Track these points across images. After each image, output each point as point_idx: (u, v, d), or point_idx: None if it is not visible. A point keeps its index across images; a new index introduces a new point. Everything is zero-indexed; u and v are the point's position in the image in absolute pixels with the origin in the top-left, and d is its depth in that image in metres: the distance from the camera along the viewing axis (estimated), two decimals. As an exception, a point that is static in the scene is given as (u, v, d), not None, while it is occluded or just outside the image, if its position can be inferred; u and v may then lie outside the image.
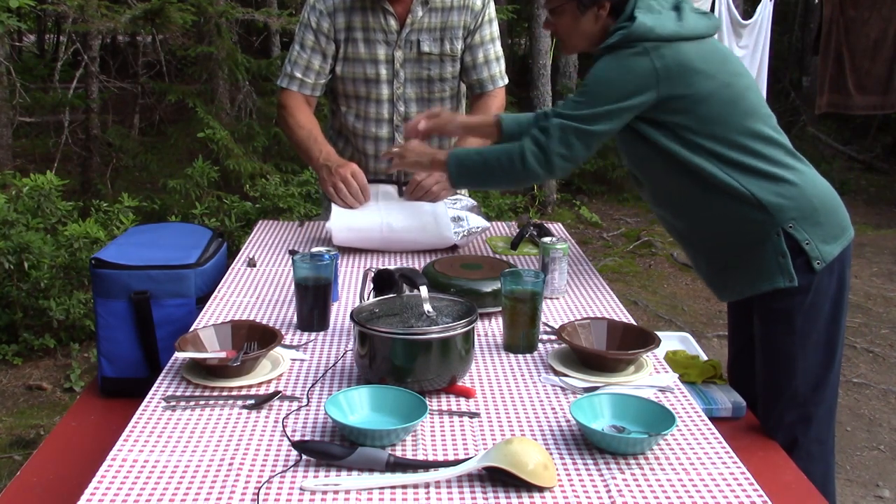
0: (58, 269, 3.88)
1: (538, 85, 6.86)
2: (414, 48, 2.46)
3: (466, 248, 2.40)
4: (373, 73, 2.48)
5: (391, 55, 2.46)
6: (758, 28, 6.41)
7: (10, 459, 3.08)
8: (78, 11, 4.84)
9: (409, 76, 2.50)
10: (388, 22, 2.42)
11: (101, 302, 2.03)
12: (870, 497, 3.01)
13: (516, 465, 1.20)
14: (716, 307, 4.98)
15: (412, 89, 2.52)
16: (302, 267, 1.78)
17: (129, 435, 1.35)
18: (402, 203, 2.46)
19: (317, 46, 2.45)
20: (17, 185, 4.01)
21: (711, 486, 1.23)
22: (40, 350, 3.94)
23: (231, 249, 2.54)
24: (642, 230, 6.69)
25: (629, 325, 1.75)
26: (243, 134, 5.38)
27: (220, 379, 1.53)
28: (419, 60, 2.48)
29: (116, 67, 7.43)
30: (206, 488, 1.20)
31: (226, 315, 1.88)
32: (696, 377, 2.07)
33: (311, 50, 2.46)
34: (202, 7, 5.03)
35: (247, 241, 2.49)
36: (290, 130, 2.54)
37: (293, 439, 1.33)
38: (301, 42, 2.47)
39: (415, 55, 2.47)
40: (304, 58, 2.47)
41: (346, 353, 1.67)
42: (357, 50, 2.45)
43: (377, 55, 2.46)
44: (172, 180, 4.84)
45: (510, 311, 1.69)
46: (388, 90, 2.50)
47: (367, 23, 2.42)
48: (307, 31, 2.45)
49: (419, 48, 2.46)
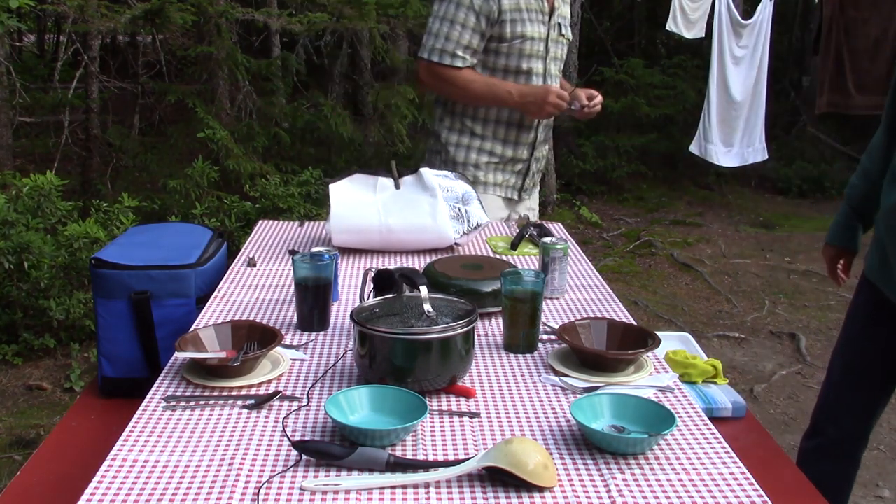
0: (58, 269, 3.87)
1: (538, 85, 6.85)
2: (556, 30, 2.76)
3: (466, 248, 2.40)
4: (534, 49, 2.69)
5: (546, 34, 2.71)
6: (758, 28, 6.41)
7: (10, 459, 3.08)
8: (78, 11, 4.84)
9: (551, 53, 2.75)
10: (544, 4, 2.70)
11: (101, 302, 2.03)
12: (870, 497, 3.01)
13: (516, 465, 1.20)
14: (716, 307, 4.98)
15: (553, 66, 2.77)
16: (302, 267, 1.78)
17: (129, 435, 1.35)
18: (400, 202, 2.45)
19: (478, 27, 2.60)
20: (17, 185, 4.00)
21: (711, 486, 1.23)
22: (40, 350, 3.94)
23: (231, 249, 2.54)
24: (642, 230, 6.69)
25: (629, 325, 1.75)
26: (243, 134, 5.38)
27: (220, 379, 1.53)
28: (558, 41, 2.77)
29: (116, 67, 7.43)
30: (206, 488, 1.20)
31: (226, 315, 1.88)
32: (696, 377, 2.07)
33: (471, 31, 2.60)
34: (202, 7, 5.03)
35: (247, 241, 2.49)
36: (462, 90, 2.68)
37: (293, 439, 1.33)
38: (462, 23, 2.60)
39: (556, 36, 2.76)
40: (466, 38, 2.61)
41: (346, 353, 1.67)
42: (525, 28, 2.64)
43: (537, 34, 2.68)
44: (172, 180, 4.84)
45: (510, 311, 1.69)
46: (542, 66, 2.73)
47: (530, 4, 2.66)
48: (469, 13, 2.58)
49: (560, 30, 2.78)
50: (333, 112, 5.62)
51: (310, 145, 6.20)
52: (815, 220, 7.20)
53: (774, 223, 7.09)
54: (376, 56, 6.04)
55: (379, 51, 5.76)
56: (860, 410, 2.21)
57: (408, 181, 2.47)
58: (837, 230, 2.32)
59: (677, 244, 6.34)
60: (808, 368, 4.06)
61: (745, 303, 5.05)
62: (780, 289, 5.32)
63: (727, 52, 6.33)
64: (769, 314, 4.83)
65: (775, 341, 4.43)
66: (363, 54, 6.57)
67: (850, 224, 2.29)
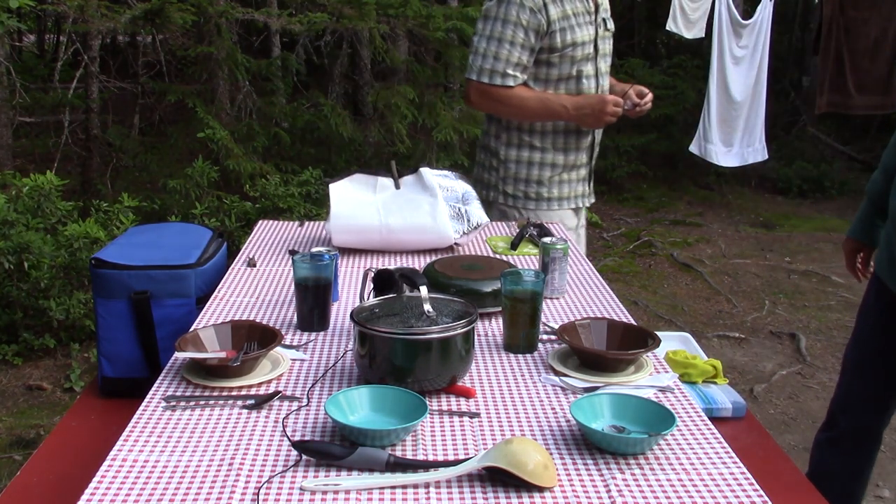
0: (58, 269, 3.87)
1: (538, 85, 6.86)
2: (602, 26, 2.71)
3: (466, 248, 2.40)
4: (584, 53, 2.64)
5: (594, 34, 2.66)
6: (758, 28, 6.41)
7: (10, 459, 3.08)
8: (78, 11, 4.84)
9: (600, 51, 2.71)
10: (589, 4, 2.65)
11: (101, 302, 2.03)
12: (870, 497, 3.01)
13: (516, 465, 1.20)
14: (715, 307, 4.98)
15: (602, 64, 2.73)
16: (302, 267, 1.78)
17: (129, 435, 1.35)
18: (400, 202, 2.45)
19: (527, 43, 2.55)
20: (17, 185, 4.00)
21: (711, 486, 1.23)
22: (40, 350, 3.94)
23: (231, 249, 2.54)
24: (642, 230, 6.69)
25: (629, 325, 1.75)
26: (243, 134, 5.38)
27: (220, 379, 1.53)
28: (604, 37, 2.73)
29: (116, 67, 7.42)
30: (206, 488, 1.20)
31: (226, 315, 1.88)
32: (696, 377, 2.07)
33: (521, 47, 2.55)
34: (202, 7, 5.02)
35: (247, 241, 2.49)
36: (515, 109, 2.64)
37: (293, 439, 1.33)
38: (511, 40, 2.54)
39: (602, 32, 2.71)
40: (516, 55, 2.56)
41: (346, 353, 1.67)
42: (574, 35, 2.59)
43: (587, 37, 2.63)
44: (172, 180, 4.84)
45: (510, 311, 1.69)
46: (593, 67, 2.68)
47: (576, 8, 2.61)
48: (517, 29, 2.53)
49: (606, 25, 2.74)
50: (333, 112, 5.62)
51: (310, 145, 6.20)
52: (815, 220, 7.20)
53: (774, 223, 7.08)
54: (376, 56, 6.04)
55: (379, 51, 5.76)
56: (871, 404, 2.24)
57: (408, 181, 2.47)
58: (857, 224, 2.36)
59: (677, 244, 6.34)
60: (808, 368, 4.06)
61: (745, 303, 5.05)
62: (780, 289, 5.32)
63: (727, 52, 6.33)
64: (769, 314, 4.83)
65: (775, 341, 4.43)
66: (363, 54, 6.57)
67: (870, 219, 2.31)
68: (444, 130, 5.52)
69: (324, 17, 5.23)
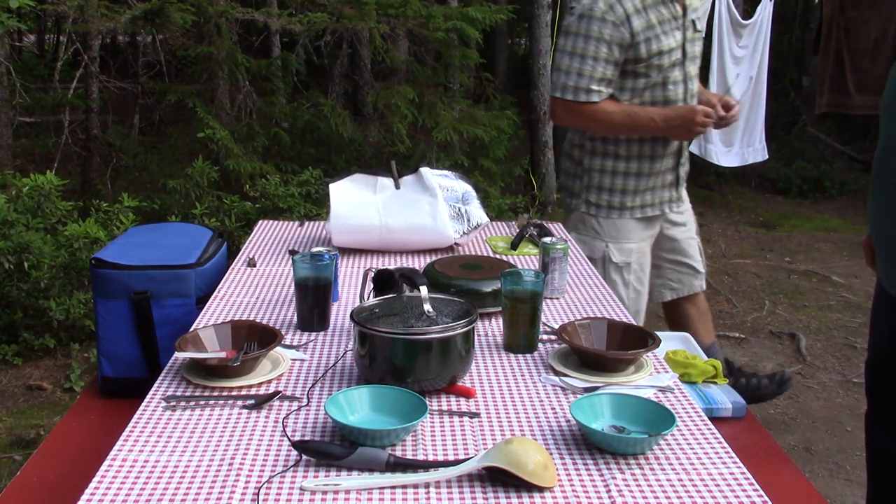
0: (58, 269, 3.87)
1: (538, 85, 6.86)
2: (691, 28, 2.64)
3: (466, 248, 2.40)
4: (672, 59, 2.57)
5: (682, 39, 2.59)
6: (758, 28, 6.41)
7: (10, 459, 3.08)
8: (78, 11, 4.84)
9: (689, 55, 2.64)
10: (676, 8, 2.57)
11: (101, 302, 2.03)
12: (870, 497, 3.01)
13: (516, 465, 1.20)
14: (715, 307, 4.98)
15: (691, 67, 2.66)
16: (302, 267, 1.78)
17: (129, 435, 1.35)
18: (400, 202, 2.45)
19: (610, 57, 2.48)
20: (17, 185, 4.00)
21: (711, 486, 1.23)
22: (40, 350, 3.94)
23: (231, 249, 2.54)
24: (642, 230, 6.68)
25: (629, 325, 1.75)
26: (243, 134, 5.37)
27: (220, 379, 1.53)
28: (693, 40, 2.66)
29: (116, 67, 7.42)
30: (206, 488, 1.20)
31: (226, 315, 1.88)
32: (696, 377, 2.07)
33: (604, 62, 2.48)
34: (202, 7, 5.02)
35: (247, 241, 2.49)
36: (602, 124, 2.58)
37: (293, 439, 1.33)
38: (594, 56, 2.47)
39: (691, 34, 2.64)
40: (600, 71, 2.49)
41: (346, 353, 1.67)
42: (660, 44, 2.52)
43: (674, 43, 2.56)
44: (172, 180, 4.84)
45: (510, 311, 1.69)
46: (681, 72, 2.61)
47: (662, 16, 2.53)
48: (600, 45, 2.46)
49: (695, 27, 2.66)
50: (333, 112, 5.62)
51: (310, 145, 6.19)
52: (815, 220, 7.19)
53: (774, 223, 7.08)
54: (376, 56, 6.04)
55: (379, 51, 5.76)
56: None
57: (408, 181, 2.48)
58: None
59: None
60: (808, 368, 4.06)
61: (745, 303, 5.04)
62: (780, 289, 5.32)
63: (727, 52, 6.33)
64: (769, 314, 4.83)
65: (775, 341, 4.43)
66: (363, 54, 6.56)
67: None
68: (444, 130, 5.52)
69: (324, 17, 5.22)
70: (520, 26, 11.58)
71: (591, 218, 2.66)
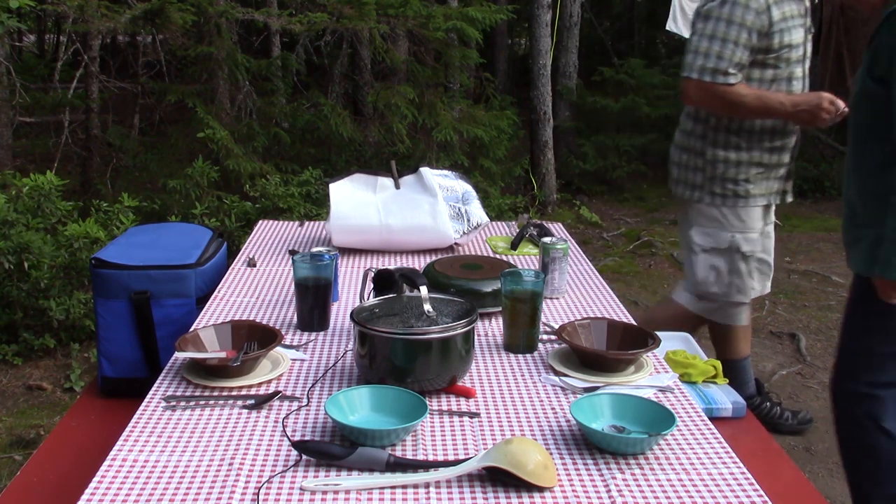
0: (58, 269, 3.87)
1: (538, 85, 6.86)
2: (809, 30, 2.73)
3: (466, 248, 2.40)
4: (796, 55, 2.67)
5: (804, 37, 2.69)
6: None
7: (10, 459, 3.08)
8: (78, 11, 4.84)
9: (806, 53, 2.73)
10: (804, 6, 2.68)
11: (102, 302, 2.04)
12: (870, 497, 3.01)
13: (516, 465, 1.20)
14: (716, 307, 4.97)
15: (807, 66, 2.74)
16: (302, 267, 1.78)
17: (129, 435, 1.35)
18: (400, 202, 2.45)
19: (748, 43, 2.58)
20: (17, 185, 4.00)
21: (711, 486, 1.23)
22: (40, 350, 3.94)
23: (231, 249, 2.54)
24: (642, 230, 6.69)
25: (629, 325, 1.75)
26: (243, 134, 5.37)
27: (220, 379, 1.53)
28: (807, 40, 2.73)
29: (116, 67, 7.43)
30: (206, 488, 1.20)
31: (226, 315, 1.88)
32: (696, 377, 2.07)
33: (742, 47, 2.57)
34: (202, 7, 5.02)
35: (247, 241, 2.50)
36: (735, 106, 2.64)
37: (293, 439, 1.33)
38: (735, 40, 2.57)
39: (808, 35, 2.72)
40: (738, 55, 2.58)
41: (346, 353, 1.67)
42: (790, 37, 2.62)
43: (798, 38, 2.66)
44: (172, 180, 4.84)
45: (510, 311, 1.69)
46: (801, 69, 2.71)
47: (793, 11, 2.63)
48: (741, 30, 2.56)
49: (810, 29, 2.74)
50: (333, 112, 5.62)
51: (310, 145, 6.19)
52: (815, 220, 7.19)
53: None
54: (376, 56, 6.04)
55: (379, 51, 5.76)
56: None
57: (408, 181, 2.48)
58: None
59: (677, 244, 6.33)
60: (808, 368, 4.06)
61: (745, 303, 5.04)
62: (780, 289, 5.32)
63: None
64: (769, 314, 4.83)
65: (775, 341, 4.43)
66: (363, 54, 6.57)
67: None
68: (444, 130, 5.52)
69: (324, 17, 5.23)
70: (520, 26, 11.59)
71: (716, 209, 2.74)
